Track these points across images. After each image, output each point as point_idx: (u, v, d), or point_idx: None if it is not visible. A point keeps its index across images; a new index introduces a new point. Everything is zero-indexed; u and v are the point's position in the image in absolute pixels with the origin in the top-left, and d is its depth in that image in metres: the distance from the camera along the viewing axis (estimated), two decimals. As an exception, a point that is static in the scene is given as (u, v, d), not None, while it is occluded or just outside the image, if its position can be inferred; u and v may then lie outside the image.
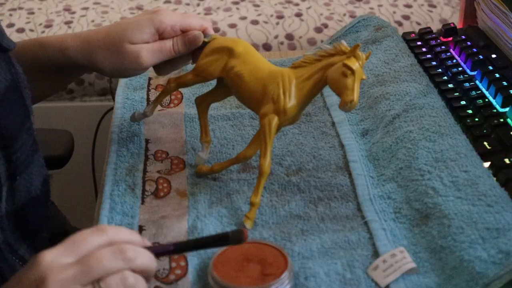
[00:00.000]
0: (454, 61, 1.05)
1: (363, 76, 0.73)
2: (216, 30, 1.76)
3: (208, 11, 1.89)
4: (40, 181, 0.78)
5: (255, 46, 1.74)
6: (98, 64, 0.87)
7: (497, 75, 0.97)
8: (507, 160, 0.81)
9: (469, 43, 1.08)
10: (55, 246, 0.57)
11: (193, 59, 0.89)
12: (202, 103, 0.88)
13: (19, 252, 0.76)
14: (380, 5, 1.89)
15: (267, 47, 1.75)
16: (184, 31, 0.86)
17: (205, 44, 0.86)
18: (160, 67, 0.90)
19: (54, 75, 0.84)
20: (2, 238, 0.72)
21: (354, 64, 0.72)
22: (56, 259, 0.56)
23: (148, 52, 0.85)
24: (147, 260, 0.59)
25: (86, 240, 0.58)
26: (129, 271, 0.57)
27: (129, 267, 0.57)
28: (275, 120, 0.76)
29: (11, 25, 1.80)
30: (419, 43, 1.12)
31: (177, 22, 0.86)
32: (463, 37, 1.11)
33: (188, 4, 1.95)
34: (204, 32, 0.87)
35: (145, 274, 0.59)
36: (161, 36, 0.86)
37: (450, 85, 0.98)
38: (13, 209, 0.71)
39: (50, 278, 0.55)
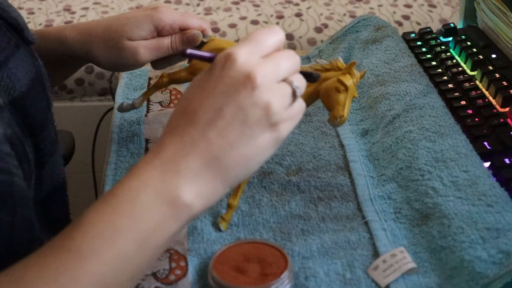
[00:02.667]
0: (454, 61, 1.05)
1: (355, 94, 0.75)
2: (216, 30, 1.76)
3: (208, 11, 1.89)
4: (62, 170, 0.79)
5: (255, 46, 1.74)
6: (95, 57, 0.88)
7: (497, 75, 0.97)
8: (507, 160, 0.81)
9: (469, 43, 1.08)
10: (237, 46, 0.59)
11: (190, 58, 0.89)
12: None
13: (45, 243, 0.77)
14: (380, 5, 1.89)
15: (267, 47, 1.74)
16: (182, 30, 0.87)
17: (203, 44, 0.86)
18: (157, 62, 0.91)
19: (53, 66, 0.85)
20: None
21: (348, 81, 0.73)
22: (250, 57, 0.58)
23: (146, 49, 0.86)
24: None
25: (269, 40, 0.60)
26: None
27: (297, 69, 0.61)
28: None
29: (11, 25, 1.80)
30: (419, 43, 1.12)
31: (176, 21, 0.86)
32: (463, 37, 1.11)
33: (188, 4, 1.95)
34: (203, 33, 0.87)
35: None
36: (159, 33, 0.86)
37: (450, 85, 0.98)
38: (40, 197, 0.72)
39: (255, 72, 0.57)
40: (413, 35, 1.15)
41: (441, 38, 1.14)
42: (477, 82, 0.99)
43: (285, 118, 0.59)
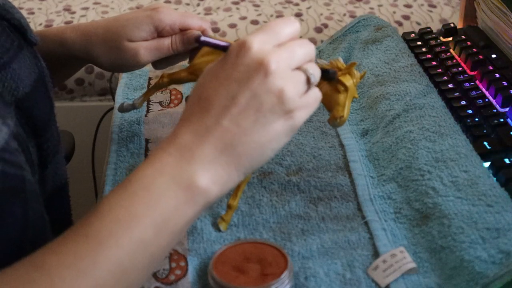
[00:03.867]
0: (454, 61, 1.05)
1: (355, 94, 0.74)
2: (216, 30, 1.76)
3: (208, 11, 1.89)
4: (64, 171, 0.80)
5: (255, 46, 1.74)
6: (95, 58, 0.88)
7: (497, 75, 0.97)
8: (507, 160, 0.81)
9: (469, 43, 1.08)
10: (252, 34, 0.59)
11: (190, 58, 0.89)
12: None
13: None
14: (380, 5, 1.89)
15: (267, 47, 1.74)
16: (183, 30, 0.87)
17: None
18: (157, 63, 0.91)
19: (54, 67, 0.85)
20: None
21: (348, 81, 0.73)
22: (264, 44, 0.59)
23: (146, 49, 0.86)
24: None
25: (284, 29, 0.60)
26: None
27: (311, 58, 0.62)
28: None
29: (11, 25, 1.80)
30: (419, 43, 1.12)
31: (176, 21, 0.86)
32: (463, 37, 1.11)
33: (188, 4, 1.95)
34: (203, 33, 0.87)
35: None
36: (160, 34, 0.87)
37: (450, 85, 0.98)
38: (43, 198, 0.72)
39: (268, 58, 0.58)
40: (413, 35, 1.15)
41: (441, 38, 1.14)
42: (477, 82, 0.99)
43: (299, 105, 0.59)
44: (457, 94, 0.96)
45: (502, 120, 0.88)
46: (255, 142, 0.58)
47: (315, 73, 0.61)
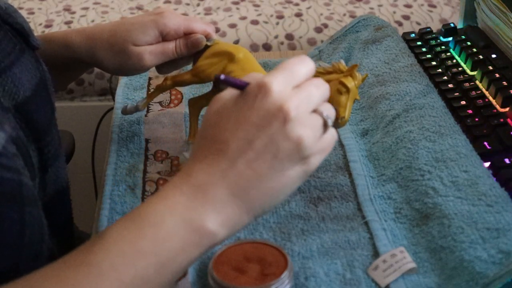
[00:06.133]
0: (454, 61, 1.05)
1: (357, 96, 0.75)
2: (216, 30, 1.76)
3: (208, 11, 1.89)
4: (65, 174, 0.80)
5: (255, 46, 1.74)
6: (100, 61, 0.88)
7: (497, 75, 0.97)
8: (507, 160, 0.81)
9: (469, 43, 1.08)
10: (271, 74, 0.59)
11: (194, 62, 0.89)
12: (195, 105, 0.88)
13: (51, 247, 0.77)
14: (380, 5, 1.89)
15: (267, 47, 1.75)
16: (187, 34, 0.87)
17: (206, 47, 0.87)
18: (162, 67, 0.91)
19: (58, 71, 0.86)
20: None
21: (350, 83, 0.73)
22: (284, 88, 0.58)
23: (151, 54, 0.86)
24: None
25: (301, 70, 0.60)
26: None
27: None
28: None
29: (11, 25, 1.80)
30: (419, 43, 1.12)
31: (180, 25, 0.87)
32: (463, 37, 1.11)
33: (188, 4, 1.95)
34: (207, 37, 0.88)
35: None
36: (164, 38, 0.87)
37: (450, 85, 0.98)
38: (43, 202, 0.72)
39: (288, 104, 0.57)
40: (413, 35, 1.15)
41: (441, 38, 1.14)
42: (477, 82, 0.99)
43: (316, 151, 0.59)
44: (457, 94, 0.96)
45: (502, 120, 0.88)
46: (269, 188, 0.58)
47: (331, 116, 0.61)
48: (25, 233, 0.60)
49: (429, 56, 1.07)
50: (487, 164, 0.81)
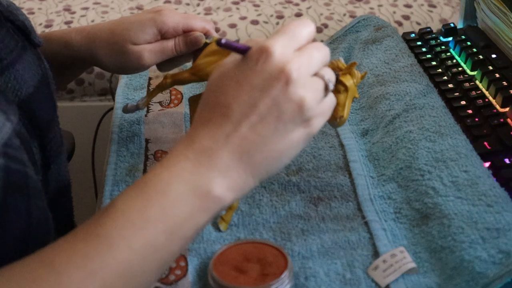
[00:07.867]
0: (454, 61, 1.05)
1: (356, 94, 0.74)
2: (216, 30, 1.76)
3: (208, 11, 1.89)
4: (67, 171, 0.80)
5: (255, 46, 1.74)
6: (100, 60, 0.89)
7: (497, 75, 0.97)
8: (507, 160, 0.81)
9: (469, 43, 1.08)
10: (273, 37, 0.59)
11: (194, 59, 0.90)
12: (195, 103, 0.88)
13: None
14: (380, 5, 1.89)
15: (267, 47, 1.74)
16: (186, 32, 0.87)
17: (206, 45, 0.87)
18: (162, 65, 0.91)
19: (59, 69, 0.86)
20: None
21: (349, 81, 0.73)
22: (285, 50, 0.58)
23: (150, 52, 0.86)
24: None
25: (302, 32, 0.60)
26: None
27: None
28: None
29: (11, 25, 1.80)
30: (419, 43, 1.12)
31: (179, 23, 0.87)
32: (463, 37, 1.11)
33: (188, 4, 1.95)
34: (206, 34, 0.88)
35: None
36: (163, 36, 0.87)
37: (450, 85, 0.98)
38: (46, 199, 0.73)
39: (289, 66, 0.57)
40: (413, 35, 1.15)
41: (441, 38, 1.14)
42: (477, 82, 0.99)
43: (317, 113, 0.60)
44: (457, 94, 0.96)
45: (502, 120, 0.88)
46: (274, 151, 0.58)
47: (332, 79, 0.61)
48: (32, 225, 0.60)
49: (429, 56, 1.07)
50: (487, 164, 0.81)
